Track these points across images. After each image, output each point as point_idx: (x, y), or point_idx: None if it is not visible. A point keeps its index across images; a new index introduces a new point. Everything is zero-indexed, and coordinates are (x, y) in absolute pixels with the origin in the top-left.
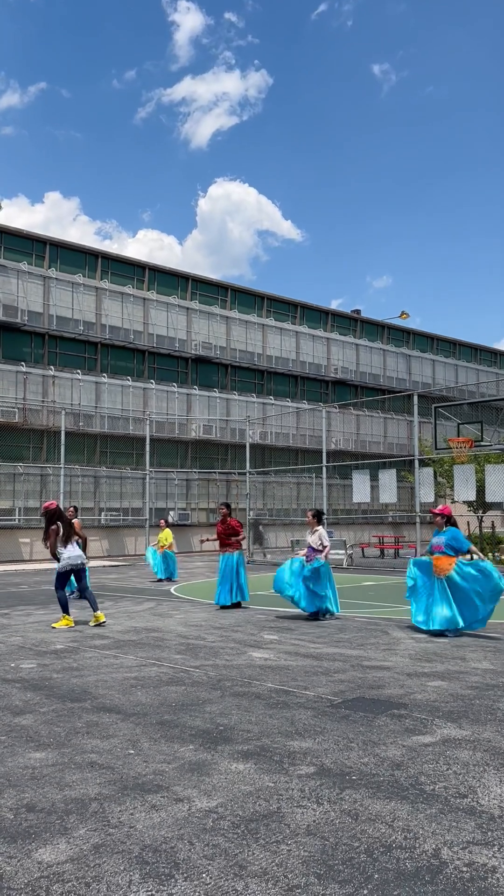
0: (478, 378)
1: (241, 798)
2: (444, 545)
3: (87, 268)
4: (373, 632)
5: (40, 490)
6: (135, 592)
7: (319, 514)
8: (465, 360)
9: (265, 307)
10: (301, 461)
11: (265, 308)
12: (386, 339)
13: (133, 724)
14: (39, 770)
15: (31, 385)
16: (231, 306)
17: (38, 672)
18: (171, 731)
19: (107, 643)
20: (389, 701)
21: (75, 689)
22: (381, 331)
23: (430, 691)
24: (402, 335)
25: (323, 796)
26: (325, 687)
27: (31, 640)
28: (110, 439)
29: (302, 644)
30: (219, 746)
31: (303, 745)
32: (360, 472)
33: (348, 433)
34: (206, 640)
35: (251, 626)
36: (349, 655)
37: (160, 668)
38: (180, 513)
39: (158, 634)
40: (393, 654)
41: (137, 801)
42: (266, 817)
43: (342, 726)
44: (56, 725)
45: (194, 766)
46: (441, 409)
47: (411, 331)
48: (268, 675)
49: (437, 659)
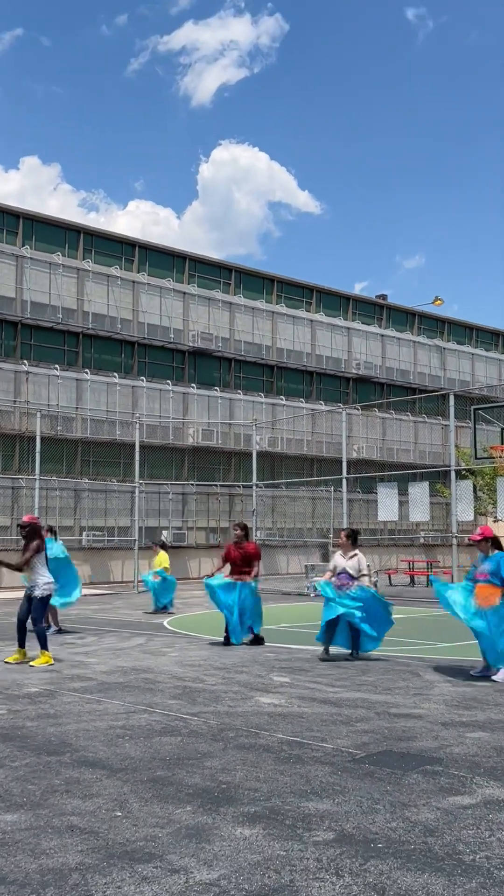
0: None
1: (248, 869)
2: (490, 573)
3: (68, 245)
4: (401, 673)
5: (11, 505)
6: (121, 626)
7: (355, 534)
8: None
9: (275, 292)
10: (317, 472)
11: (275, 293)
12: (417, 330)
13: (120, 782)
14: (11, 835)
15: (1, 382)
16: (235, 290)
17: (9, 720)
18: (164, 790)
19: (89, 686)
20: (421, 755)
21: (52, 740)
22: (411, 319)
23: (470, 744)
24: (435, 325)
25: (343, 867)
26: (346, 738)
27: (1, 682)
28: (93, 446)
29: (318, 688)
30: (221, 808)
31: (319, 807)
32: (386, 486)
33: (372, 439)
34: (206, 683)
35: (258, 666)
36: (374, 701)
37: (152, 715)
38: (175, 532)
39: (150, 675)
40: (425, 700)
41: (126, 871)
42: (277, 892)
43: (366, 785)
44: (30, 783)
45: (192, 832)
46: (481, 411)
47: (446, 320)
48: (278, 724)
49: (478, 706)
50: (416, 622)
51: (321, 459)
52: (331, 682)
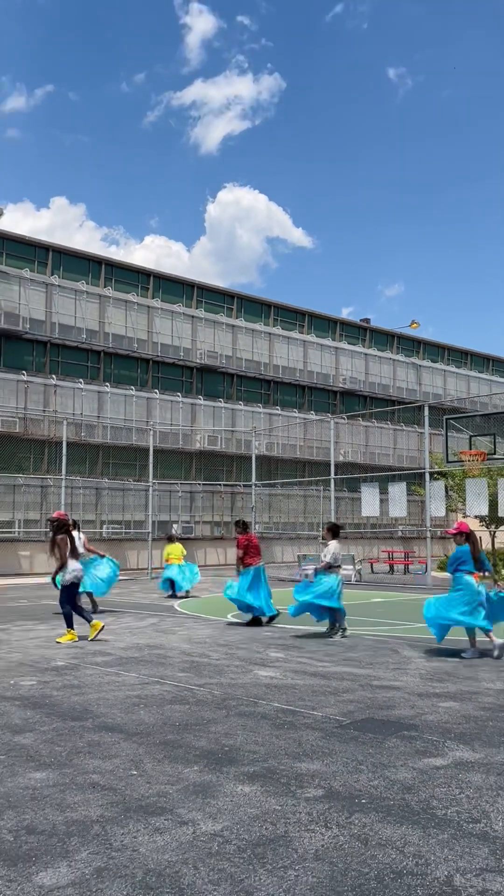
0: (490, 389)
1: (248, 821)
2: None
3: (91, 275)
4: (382, 650)
5: (41, 502)
6: (137, 608)
7: (334, 527)
8: (477, 370)
9: (272, 315)
10: (308, 473)
11: (272, 316)
12: (396, 349)
13: (136, 744)
14: (40, 791)
15: (33, 394)
16: (237, 314)
17: (39, 689)
18: (174, 752)
19: (108, 660)
20: (400, 722)
21: (76, 708)
22: (390, 340)
23: (442, 712)
24: (412, 345)
25: (332, 820)
26: (334, 707)
27: (31, 657)
28: (112, 450)
29: (309, 662)
30: (224, 768)
31: (311, 767)
32: (368, 486)
33: (357, 445)
34: (211, 658)
35: (257, 643)
36: (358, 675)
37: (163, 686)
38: (184, 526)
39: (161, 651)
40: (403, 674)
41: (141, 823)
42: (273, 841)
43: (351, 748)
44: (57, 745)
45: (199, 788)
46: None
47: (422, 340)
48: (274, 694)
49: (449, 679)
50: (395, 605)
51: (312, 462)
52: (320, 658)
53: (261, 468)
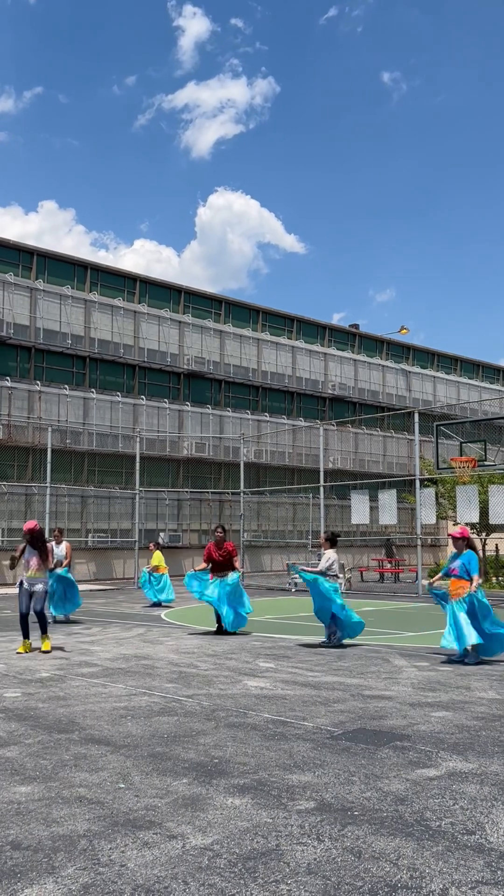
0: (480, 396)
1: (238, 835)
2: (460, 568)
3: (76, 279)
4: (373, 660)
5: (25, 510)
6: (123, 618)
7: (333, 537)
8: (467, 376)
9: (261, 321)
10: (297, 481)
11: (261, 322)
12: (385, 355)
13: (123, 757)
14: (25, 805)
15: (17, 400)
16: (225, 320)
17: (23, 701)
18: (163, 764)
19: (94, 671)
20: (392, 732)
21: (62, 720)
22: (380, 346)
23: (435, 722)
24: (401, 351)
25: (324, 833)
26: (325, 717)
27: (15, 668)
28: (98, 457)
29: (299, 672)
30: (214, 780)
31: (302, 779)
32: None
33: (346, 452)
34: (199, 668)
35: (246, 653)
36: (349, 684)
37: (151, 697)
38: (171, 534)
39: (149, 662)
40: (395, 683)
41: (129, 837)
42: (264, 855)
43: (343, 759)
44: (42, 758)
45: (188, 801)
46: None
47: (411, 346)
48: (264, 704)
49: (441, 688)
50: (385, 614)
51: (301, 469)
52: (310, 668)
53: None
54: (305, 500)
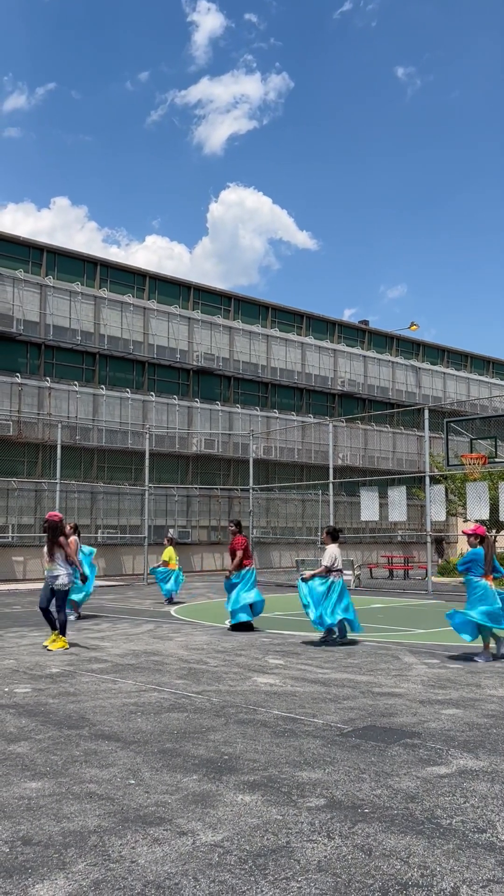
0: (490, 392)
1: (248, 831)
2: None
3: (86, 276)
4: (383, 657)
5: (35, 506)
6: (133, 614)
7: (334, 531)
8: (477, 372)
9: (270, 317)
10: (306, 477)
11: (270, 318)
12: (395, 351)
13: (133, 753)
14: (36, 801)
15: (27, 397)
16: (235, 316)
17: (33, 697)
18: (173, 761)
19: (104, 667)
20: (402, 730)
21: (72, 716)
22: (389, 342)
23: (445, 720)
24: (411, 347)
25: (334, 830)
26: (335, 714)
27: (26, 664)
28: (108, 453)
29: (309, 669)
30: (224, 777)
31: (312, 776)
32: (368, 489)
33: (356, 448)
34: (209, 665)
35: (255, 649)
36: (359, 681)
37: (161, 693)
38: (180, 530)
39: (158, 658)
40: (405, 681)
41: (139, 834)
42: (275, 852)
43: (353, 756)
44: (52, 753)
45: (198, 798)
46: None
47: (421, 342)
48: (274, 701)
49: (452, 685)
50: (395, 611)
51: (310, 466)
52: (320, 664)
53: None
54: (314, 496)
